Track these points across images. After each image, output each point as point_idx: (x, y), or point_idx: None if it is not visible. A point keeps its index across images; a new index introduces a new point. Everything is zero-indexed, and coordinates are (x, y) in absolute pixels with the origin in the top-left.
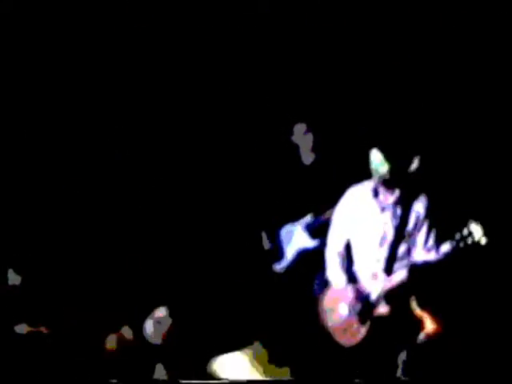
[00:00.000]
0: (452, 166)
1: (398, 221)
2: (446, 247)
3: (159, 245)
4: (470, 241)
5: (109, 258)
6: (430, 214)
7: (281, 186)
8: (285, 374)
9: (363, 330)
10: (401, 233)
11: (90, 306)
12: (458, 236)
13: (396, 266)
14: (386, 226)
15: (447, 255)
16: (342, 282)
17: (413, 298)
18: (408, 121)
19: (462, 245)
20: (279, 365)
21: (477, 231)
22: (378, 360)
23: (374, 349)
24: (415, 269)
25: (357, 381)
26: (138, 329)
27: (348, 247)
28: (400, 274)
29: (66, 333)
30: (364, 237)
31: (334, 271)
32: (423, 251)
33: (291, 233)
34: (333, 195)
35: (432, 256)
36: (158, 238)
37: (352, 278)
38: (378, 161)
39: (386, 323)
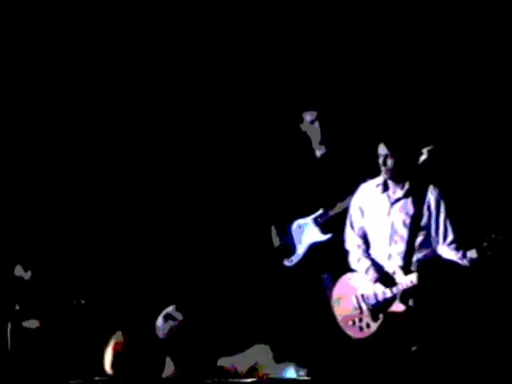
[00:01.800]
0: (460, 156)
1: (410, 214)
2: (473, 253)
3: (169, 241)
4: (496, 250)
5: (118, 255)
6: (442, 205)
7: (291, 180)
8: None
9: (374, 326)
10: (415, 226)
11: (98, 303)
12: (485, 244)
13: (415, 259)
14: (396, 220)
15: (474, 261)
16: (363, 272)
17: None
18: (417, 112)
19: (489, 253)
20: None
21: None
22: (385, 356)
23: (383, 345)
24: (433, 269)
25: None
26: (148, 325)
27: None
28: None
29: (73, 329)
30: (375, 232)
31: (354, 264)
32: (445, 246)
33: (302, 227)
34: (343, 188)
35: (457, 257)
36: (168, 234)
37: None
38: None
39: (400, 321)
